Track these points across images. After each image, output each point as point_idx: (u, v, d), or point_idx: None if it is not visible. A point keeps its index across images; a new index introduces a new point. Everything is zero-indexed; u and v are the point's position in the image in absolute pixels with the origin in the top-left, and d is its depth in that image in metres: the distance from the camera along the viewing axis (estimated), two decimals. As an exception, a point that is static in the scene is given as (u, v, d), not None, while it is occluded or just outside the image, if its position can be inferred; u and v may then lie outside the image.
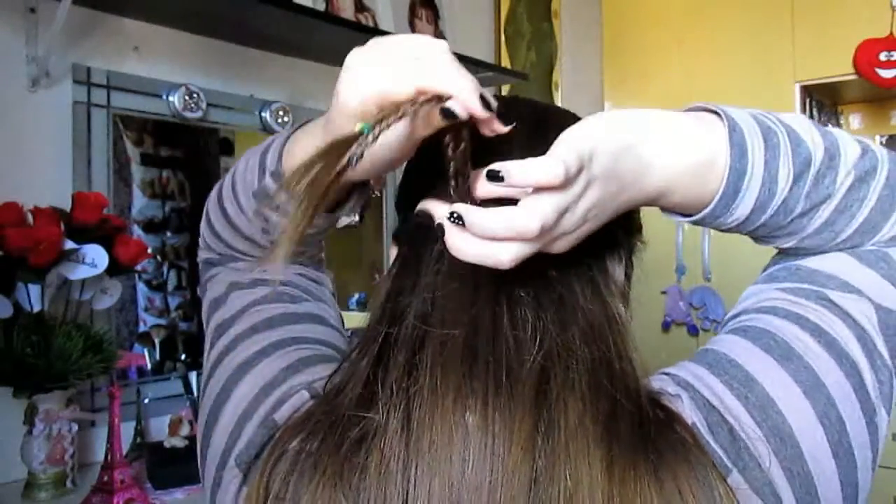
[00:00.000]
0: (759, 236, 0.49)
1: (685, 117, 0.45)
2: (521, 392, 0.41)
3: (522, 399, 0.40)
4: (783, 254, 0.52)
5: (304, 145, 0.49)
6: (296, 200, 0.36)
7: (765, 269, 0.53)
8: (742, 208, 0.45)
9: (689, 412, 0.43)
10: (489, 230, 0.38)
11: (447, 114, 0.38)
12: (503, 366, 0.42)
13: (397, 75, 0.39)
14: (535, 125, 0.50)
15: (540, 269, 0.45)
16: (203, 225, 0.63)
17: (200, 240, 0.65)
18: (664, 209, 0.48)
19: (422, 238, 0.48)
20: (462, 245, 0.39)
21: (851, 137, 0.48)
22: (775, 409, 0.43)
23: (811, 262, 0.49)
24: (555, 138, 0.39)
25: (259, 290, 0.58)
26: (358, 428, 0.42)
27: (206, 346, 0.58)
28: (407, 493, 0.40)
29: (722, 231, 0.49)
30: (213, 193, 0.61)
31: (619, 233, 0.51)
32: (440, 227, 0.40)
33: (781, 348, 0.45)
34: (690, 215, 0.47)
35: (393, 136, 0.40)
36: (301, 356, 0.53)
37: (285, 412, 0.48)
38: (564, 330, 0.44)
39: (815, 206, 0.46)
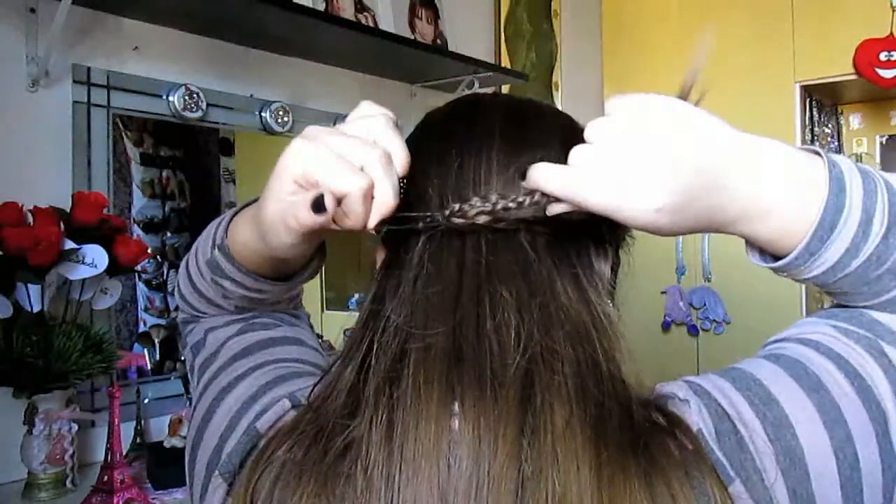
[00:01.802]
0: (838, 290, 0.47)
1: (786, 146, 0.44)
2: (506, 396, 0.40)
3: (507, 403, 0.40)
4: None
5: (241, 231, 0.51)
6: None
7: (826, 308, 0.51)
8: (835, 248, 0.43)
9: (695, 418, 0.42)
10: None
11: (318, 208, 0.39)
12: (487, 370, 0.41)
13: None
14: (513, 118, 0.50)
15: (523, 268, 0.45)
16: (175, 290, 0.65)
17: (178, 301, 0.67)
18: (750, 246, 0.46)
19: (404, 242, 0.48)
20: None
21: None
22: (791, 431, 0.42)
23: (876, 314, 0.47)
24: (533, 131, 0.39)
25: (233, 327, 0.59)
26: (342, 436, 0.42)
27: (193, 384, 0.59)
28: (391, 501, 0.39)
29: (798, 281, 0.47)
30: (183, 261, 0.63)
31: (602, 227, 0.50)
32: None
33: (811, 380, 0.44)
34: (779, 258, 0.45)
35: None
36: (279, 374, 0.53)
37: (267, 421, 0.48)
38: (548, 332, 0.43)
39: None
